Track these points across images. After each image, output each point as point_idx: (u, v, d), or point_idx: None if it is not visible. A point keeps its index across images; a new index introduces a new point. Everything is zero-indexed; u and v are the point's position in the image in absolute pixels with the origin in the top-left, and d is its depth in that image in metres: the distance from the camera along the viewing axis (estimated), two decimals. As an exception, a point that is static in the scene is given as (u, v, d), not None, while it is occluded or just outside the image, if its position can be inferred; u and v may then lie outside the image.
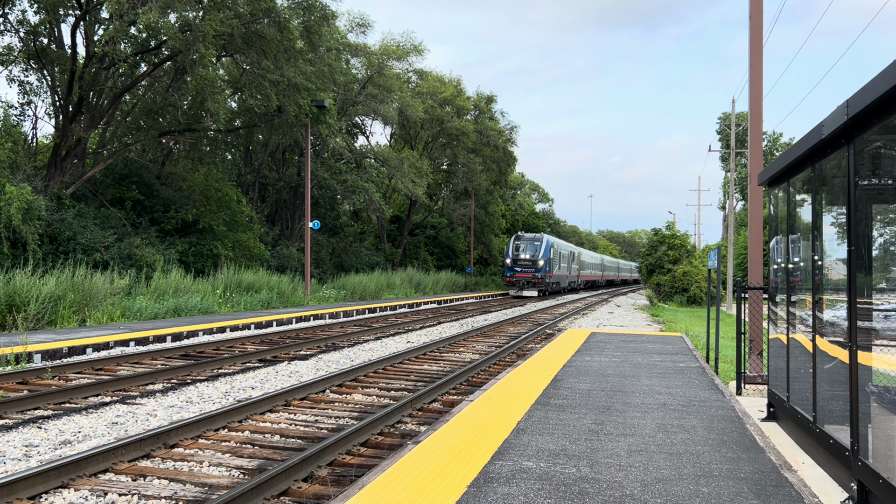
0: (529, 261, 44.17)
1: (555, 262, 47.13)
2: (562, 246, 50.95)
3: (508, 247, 45.51)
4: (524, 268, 44.00)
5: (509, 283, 44.48)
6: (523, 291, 43.78)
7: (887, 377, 4.65)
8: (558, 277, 49.52)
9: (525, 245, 44.99)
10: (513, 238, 46.06)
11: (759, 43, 12.18)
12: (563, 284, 52.81)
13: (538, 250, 44.44)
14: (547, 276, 44.65)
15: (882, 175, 4.97)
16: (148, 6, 20.64)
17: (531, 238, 45.65)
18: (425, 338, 18.23)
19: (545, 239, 45.58)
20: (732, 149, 40.48)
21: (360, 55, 40.52)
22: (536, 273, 43.83)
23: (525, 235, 46.36)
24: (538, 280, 43.79)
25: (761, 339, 11.17)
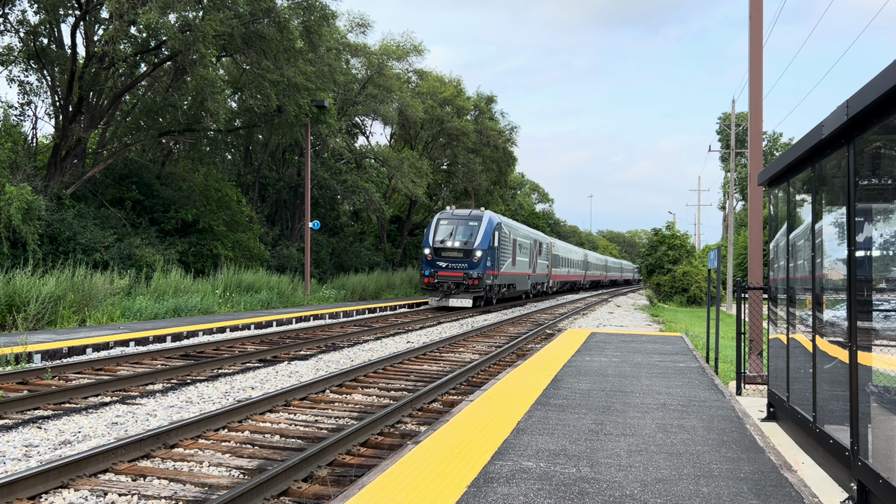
0: (459, 251, 28.62)
1: (504, 255, 31.54)
2: (518, 231, 35.62)
3: (429, 230, 29.76)
4: (451, 262, 28.56)
5: (428, 285, 28.72)
6: (450, 300, 28.10)
7: (887, 377, 4.65)
8: (512, 278, 33.79)
9: (454, 227, 29.41)
10: (436, 217, 30.34)
11: (759, 43, 12.18)
12: (524, 288, 37.37)
13: (474, 235, 28.96)
14: (488, 274, 28.97)
15: (882, 175, 4.97)
16: (148, 6, 20.64)
17: (464, 217, 29.91)
18: (425, 338, 18.23)
19: (487, 218, 29.75)
20: (732, 149, 40.48)
21: (360, 55, 40.52)
22: (470, 271, 28.34)
23: (455, 213, 30.24)
24: (473, 281, 28.13)
25: (761, 339, 11.17)
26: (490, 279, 29.27)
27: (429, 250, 28.93)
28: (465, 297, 28.01)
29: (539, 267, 41.98)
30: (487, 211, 30.39)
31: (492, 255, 29.28)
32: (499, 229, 30.31)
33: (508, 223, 33.32)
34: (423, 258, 29.02)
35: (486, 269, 28.76)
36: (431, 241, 29.01)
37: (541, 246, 42.41)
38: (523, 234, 36.99)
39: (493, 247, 29.37)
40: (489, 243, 28.95)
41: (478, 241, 28.72)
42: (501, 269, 31.18)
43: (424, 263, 28.93)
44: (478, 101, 54.58)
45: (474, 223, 29.29)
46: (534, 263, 40.07)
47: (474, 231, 29.04)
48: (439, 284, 28.30)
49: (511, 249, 33.09)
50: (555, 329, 21.71)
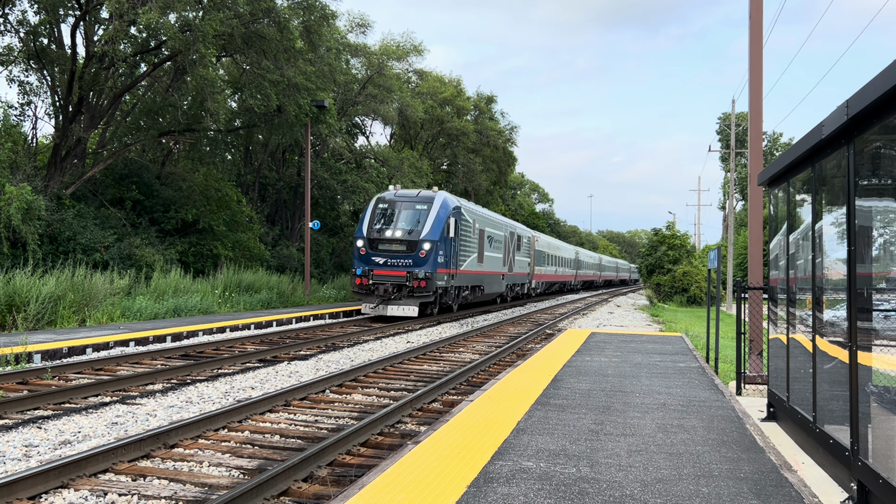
0: (402, 243, 22.31)
1: (466, 248, 25.27)
2: (487, 220, 28.70)
3: (364, 216, 23.45)
4: (391, 258, 22.26)
5: (360, 288, 22.25)
6: (388, 307, 21.81)
7: (887, 377, 4.65)
8: (478, 277, 27.27)
9: (396, 211, 23.05)
10: (374, 199, 24.06)
11: (759, 43, 12.18)
12: (495, 290, 30.43)
13: (422, 223, 22.59)
14: (441, 273, 22.55)
15: (882, 175, 4.97)
16: (148, 6, 20.64)
17: (410, 199, 23.44)
18: (425, 338, 18.23)
19: (440, 200, 23.26)
20: (732, 149, 40.49)
21: (360, 55, 40.53)
22: (415, 269, 21.96)
23: (399, 193, 23.91)
24: (419, 283, 21.83)
25: (761, 339, 11.17)
26: (443, 279, 22.72)
27: (362, 242, 22.32)
28: (410, 303, 21.54)
29: (517, 265, 34.94)
30: (442, 192, 23.71)
31: (446, 247, 22.68)
32: (457, 215, 23.77)
33: (472, 209, 26.62)
34: (356, 252, 22.48)
35: (438, 265, 22.08)
36: (366, 230, 22.52)
37: (519, 240, 35.58)
38: (495, 224, 30.09)
39: (448, 237, 22.76)
40: (442, 233, 22.35)
41: (426, 229, 22.04)
42: (462, 266, 24.44)
43: (356, 259, 22.36)
44: (478, 101, 54.62)
45: (423, 206, 22.71)
46: (510, 260, 32.96)
47: (422, 217, 22.47)
48: (375, 287, 21.73)
49: (476, 242, 26.63)
50: (555, 329, 21.71)
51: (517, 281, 35.51)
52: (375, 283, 21.97)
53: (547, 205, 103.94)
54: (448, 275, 23.24)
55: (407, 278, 21.80)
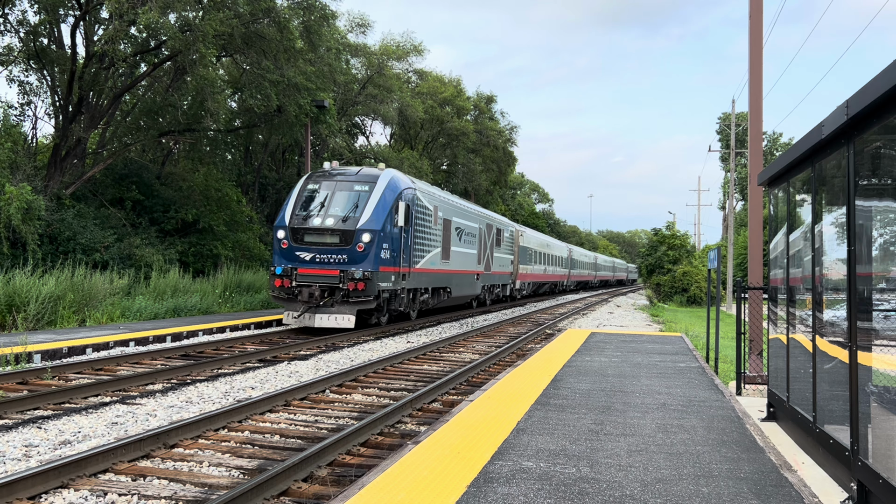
0: (334, 234, 17.69)
1: (425, 241, 20.78)
2: (455, 208, 24.01)
3: (288, 200, 18.96)
4: (320, 252, 17.66)
5: (281, 291, 17.75)
6: (316, 316, 17.26)
7: (887, 377, 4.65)
8: (443, 277, 22.66)
9: (328, 194, 18.46)
10: (302, 180, 19.31)
11: (759, 43, 12.18)
12: (467, 292, 25.82)
13: (361, 207, 18.01)
14: (385, 272, 18.10)
15: (882, 175, 4.97)
16: (148, 6, 20.64)
17: (348, 178, 18.77)
18: (425, 338, 18.23)
19: (387, 180, 18.77)
20: (732, 149, 40.49)
21: (360, 55, 40.52)
22: (351, 267, 17.42)
23: (335, 170, 19.28)
24: (355, 284, 17.25)
25: (761, 339, 11.17)
26: (389, 280, 17.97)
27: (283, 232, 17.60)
28: (343, 310, 16.96)
29: (497, 263, 30.15)
30: (391, 170, 19.29)
31: (394, 240, 18.10)
32: (411, 200, 19.19)
33: (434, 193, 21.84)
34: (276, 245, 17.76)
35: (382, 262, 17.45)
36: (288, 217, 17.79)
37: (500, 234, 30.85)
38: (466, 214, 25.28)
39: (398, 227, 18.28)
40: (387, 221, 17.72)
41: (366, 216, 17.31)
42: (418, 263, 19.89)
43: (277, 254, 17.70)
44: (478, 101, 54.62)
45: (363, 187, 17.96)
46: (487, 257, 28.23)
47: (362, 200, 17.68)
48: (298, 290, 17.09)
49: (440, 234, 21.91)
50: (555, 329, 21.71)
51: (497, 281, 30.78)
52: (300, 285, 17.22)
53: (547, 205, 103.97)
54: (397, 274, 18.31)
55: (340, 279, 17.02)
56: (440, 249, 22.22)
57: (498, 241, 30.69)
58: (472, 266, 26.40)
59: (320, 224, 17.68)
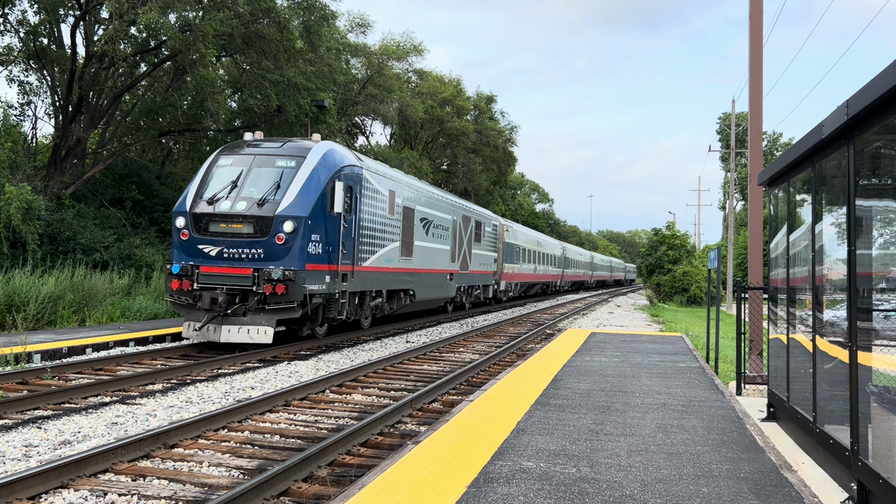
0: (247, 221, 13.65)
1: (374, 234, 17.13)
2: (416, 193, 20.35)
3: (193, 181, 14.76)
4: (228, 246, 13.63)
5: (180, 295, 13.70)
6: (223, 328, 13.26)
7: (887, 377, 4.64)
8: (402, 278, 19.14)
9: (246, 170, 14.30)
10: (214, 154, 15.21)
11: (759, 43, 12.18)
12: (436, 295, 22.20)
13: (284, 188, 13.93)
14: (315, 270, 14.01)
15: (882, 175, 4.97)
16: (148, 6, 20.64)
17: (269, 151, 14.66)
18: (425, 338, 18.22)
19: (320, 154, 14.67)
20: (732, 149, 40.50)
21: (360, 55, 40.52)
22: (268, 264, 13.45)
23: (255, 141, 15.33)
24: (273, 287, 13.18)
25: (761, 339, 11.17)
26: (322, 281, 14.19)
27: (183, 220, 13.90)
28: (259, 321, 13.25)
29: (477, 260, 26.61)
30: (327, 143, 15.35)
31: (328, 230, 14.34)
32: (354, 181, 15.53)
33: (390, 175, 18.13)
34: (175, 237, 14.08)
35: (311, 259, 13.77)
36: (190, 201, 13.99)
37: (480, 228, 27.21)
38: (435, 203, 21.61)
39: (334, 214, 14.48)
40: (319, 206, 13.94)
41: (288, 198, 13.63)
42: (367, 260, 16.37)
43: (175, 248, 14.05)
44: (478, 101, 54.64)
45: (288, 163, 14.20)
46: (463, 254, 24.64)
47: (285, 179, 13.95)
48: (199, 295, 13.40)
49: (398, 225, 18.36)
50: (555, 329, 21.70)
51: (476, 282, 27.28)
52: (203, 287, 13.41)
53: (547, 205, 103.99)
54: (333, 274, 14.54)
55: (254, 280, 13.24)
56: (399, 244, 18.46)
57: (477, 235, 27.05)
58: (444, 264, 22.67)
59: (229, 209, 13.64)
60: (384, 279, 17.72)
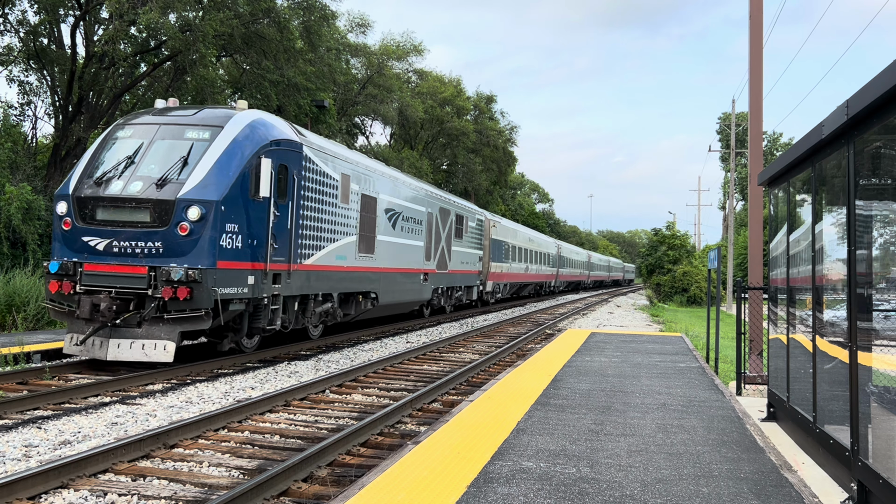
0: (140, 207, 10.85)
1: (321, 225, 14.10)
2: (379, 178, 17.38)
3: (82, 158, 11.87)
4: (119, 238, 10.85)
5: (59, 299, 11.16)
6: (111, 342, 10.64)
7: (887, 377, 4.64)
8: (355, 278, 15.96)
9: (146, 144, 11.48)
10: (111, 127, 12.18)
11: (759, 43, 12.18)
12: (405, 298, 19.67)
13: (192, 165, 11.11)
14: (233, 268, 11.29)
15: (882, 175, 4.97)
16: (148, 6, 20.65)
17: (178, 121, 11.78)
18: (425, 338, 18.23)
19: (241, 124, 11.81)
20: (732, 149, 40.50)
21: (360, 55, 40.53)
22: (168, 261, 10.71)
23: (160, 111, 12.27)
24: (178, 290, 10.48)
25: (761, 339, 11.17)
26: (244, 283, 11.69)
27: (65, 206, 11.43)
28: (156, 333, 10.85)
29: (458, 259, 24.29)
30: (254, 111, 12.62)
31: (252, 219, 11.79)
32: (290, 159, 12.84)
33: (341, 155, 15.18)
34: (56, 226, 11.57)
35: (225, 254, 11.25)
36: (74, 182, 11.53)
37: (462, 222, 24.86)
38: (404, 192, 18.99)
39: (261, 199, 11.91)
40: (238, 188, 11.45)
41: (196, 177, 11.12)
42: (311, 257, 13.68)
43: (57, 241, 11.50)
44: (478, 101, 54.67)
45: (200, 134, 11.66)
46: (440, 251, 22.22)
47: (195, 154, 11.38)
48: (81, 300, 10.86)
49: (354, 216, 15.70)
50: (555, 329, 21.71)
51: (458, 283, 24.71)
52: (87, 290, 10.89)
53: (547, 205, 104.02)
54: (261, 273, 11.96)
55: (150, 281, 10.69)
56: (355, 239, 15.73)
57: (459, 231, 24.56)
58: (417, 263, 20.06)
59: (120, 191, 10.99)
60: (335, 280, 14.89)
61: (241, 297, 11.66)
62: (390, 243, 18.08)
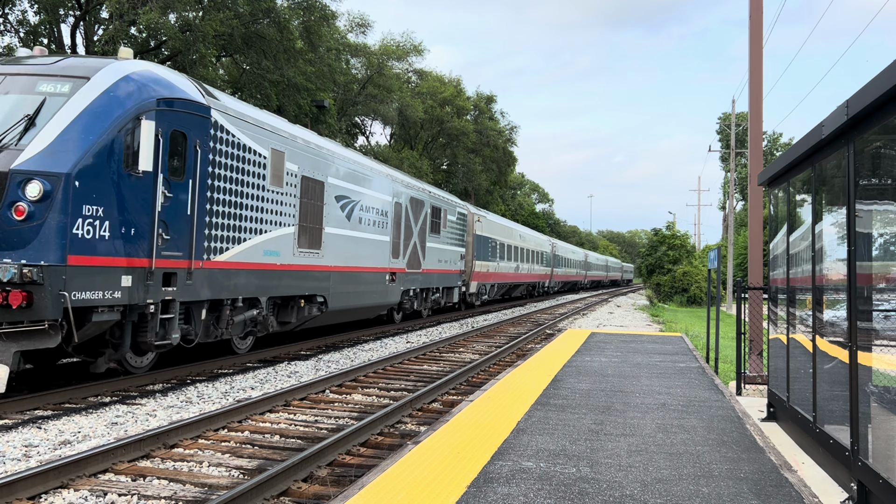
0: None
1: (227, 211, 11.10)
2: (314, 156, 13.95)
3: None
4: None
5: None
6: None
7: (887, 377, 4.64)
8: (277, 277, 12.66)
9: None
10: None
11: (759, 43, 12.18)
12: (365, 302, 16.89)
13: (39, 126, 8.50)
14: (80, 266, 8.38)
15: (882, 175, 4.97)
16: (148, 6, 20.66)
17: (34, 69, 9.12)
18: (425, 338, 18.23)
19: (113, 76, 9.12)
20: (732, 149, 40.50)
21: (360, 55, 40.55)
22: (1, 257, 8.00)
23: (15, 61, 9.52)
24: (12, 295, 7.78)
25: (761, 339, 11.17)
26: (115, 286, 8.99)
27: None
28: None
29: (433, 256, 21.78)
30: (136, 62, 9.91)
31: (122, 197, 9.04)
32: (181, 122, 10.09)
33: (269, 125, 12.58)
34: None
35: (79, 246, 8.46)
36: None
37: (438, 215, 22.35)
38: (361, 176, 16.32)
39: (140, 174, 9.27)
40: (102, 155, 8.76)
41: (41, 142, 8.45)
42: (226, 251, 11.21)
43: None
44: (478, 101, 54.71)
45: (56, 87, 8.99)
46: (412, 247, 19.80)
47: (44, 112, 8.75)
48: None
49: (293, 202, 13.23)
50: (555, 329, 21.71)
51: (434, 283, 22.14)
52: None
53: (547, 205, 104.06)
54: (144, 273, 9.48)
55: None
56: (294, 230, 13.15)
57: (435, 225, 22.03)
58: (380, 260, 17.51)
59: None
60: (264, 280, 12.18)
61: (110, 304, 8.94)
62: (344, 237, 15.41)
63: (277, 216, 12.70)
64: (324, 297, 14.56)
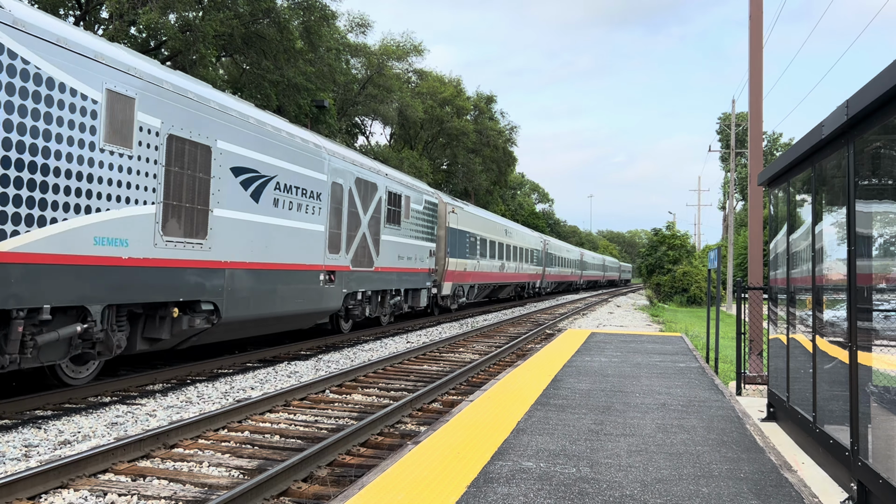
0: None
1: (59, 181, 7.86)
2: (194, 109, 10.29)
3: None
4: None
5: None
6: None
7: (887, 377, 4.64)
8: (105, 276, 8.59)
9: None
10: None
11: (759, 43, 12.18)
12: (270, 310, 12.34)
13: None
14: None
15: (882, 175, 4.97)
16: (148, 6, 20.66)
17: None
18: (425, 338, 18.23)
19: None
20: (732, 149, 40.50)
21: (360, 55, 40.55)
22: None
23: None
24: None
25: (761, 339, 11.17)
26: None
27: None
28: None
29: (392, 251, 18.42)
30: None
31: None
32: None
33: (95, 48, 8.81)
34: None
35: None
36: None
37: (398, 202, 18.80)
38: (282, 148, 12.86)
39: None
40: None
41: None
42: (11, 238, 7.33)
43: None
44: (478, 101, 54.72)
45: None
46: (359, 241, 16.30)
47: None
48: None
49: (150, 170, 9.45)
50: (555, 329, 21.71)
51: (393, 284, 18.69)
52: None
53: (547, 205, 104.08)
54: None
55: None
56: (155, 210, 9.61)
57: (394, 214, 18.46)
58: (311, 255, 13.99)
59: None
60: (95, 281, 8.61)
61: None
62: (250, 223, 11.81)
63: (120, 188, 8.99)
64: (214, 303, 10.87)
